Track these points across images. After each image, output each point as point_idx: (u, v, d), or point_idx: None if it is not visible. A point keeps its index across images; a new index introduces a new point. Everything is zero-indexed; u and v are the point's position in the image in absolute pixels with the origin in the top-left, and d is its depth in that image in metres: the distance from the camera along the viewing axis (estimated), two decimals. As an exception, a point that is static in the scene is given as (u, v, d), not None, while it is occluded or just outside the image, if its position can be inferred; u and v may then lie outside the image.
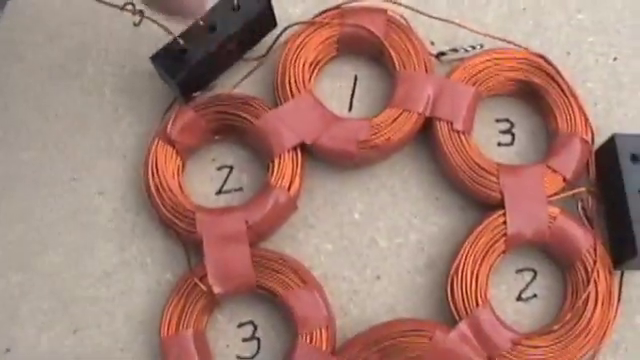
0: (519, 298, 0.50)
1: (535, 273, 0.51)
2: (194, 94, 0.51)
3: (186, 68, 0.49)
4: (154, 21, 0.48)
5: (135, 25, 0.48)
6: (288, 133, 0.49)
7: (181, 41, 0.49)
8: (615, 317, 0.48)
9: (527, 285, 0.50)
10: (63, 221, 0.52)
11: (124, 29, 0.55)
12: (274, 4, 0.51)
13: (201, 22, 0.50)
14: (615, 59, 0.54)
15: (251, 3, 0.50)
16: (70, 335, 0.50)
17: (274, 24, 0.52)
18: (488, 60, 0.51)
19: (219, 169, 0.52)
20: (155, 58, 0.50)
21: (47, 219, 0.52)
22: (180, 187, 0.50)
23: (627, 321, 0.50)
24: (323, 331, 0.47)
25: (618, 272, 0.49)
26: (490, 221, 0.49)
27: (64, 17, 0.56)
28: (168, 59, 0.50)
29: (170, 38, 0.49)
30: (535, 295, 0.50)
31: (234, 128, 0.51)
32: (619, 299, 0.49)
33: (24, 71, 0.55)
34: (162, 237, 0.51)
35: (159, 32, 0.48)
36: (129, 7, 0.47)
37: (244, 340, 0.50)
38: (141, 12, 0.48)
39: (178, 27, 0.49)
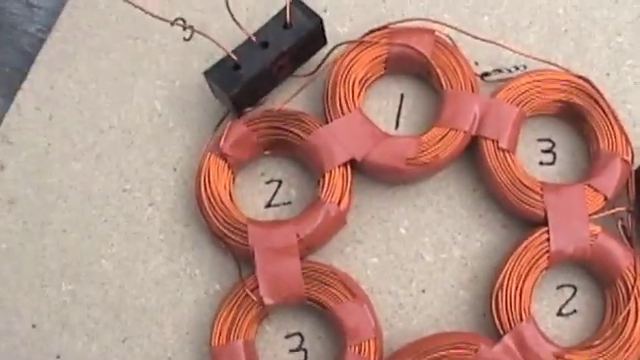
0: (559, 313, 0.52)
1: (575, 289, 0.53)
2: (246, 109, 0.53)
3: (239, 83, 0.51)
4: (205, 35, 0.50)
5: (185, 40, 0.50)
6: (339, 149, 0.51)
7: (234, 57, 0.51)
8: (655, 333, 0.51)
9: (567, 301, 0.52)
10: (115, 231, 0.54)
11: (175, 43, 0.57)
12: (324, 22, 0.53)
13: (253, 38, 0.52)
14: (654, 81, 0.57)
15: (303, 21, 0.52)
16: (119, 344, 0.52)
17: (324, 42, 0.54)
18: (532, 81, 0.53)
19: (268, 183, 0.54)
20: (209, 73, 0.52)
21: (99, 229, 0.54)
22: (231, 200, 0.52)
23: (664, 337, 0.52)
24: (371, 343, 0.49)
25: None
26: (534, 238, 0.51)
27: (117, 30, 0.58)
28: (222, 74, 0.51)
29: (221, 53, 0.51)
30: (575, 311, 0.52)
31: (284, 143, 0.53)
32: (658, 316, 0.51)
33: (79, 83, 0.57)
34: (210, 249, 0.53)
35: (209, 47, 0.50)
36: (180, 22, 0.49)
37: (291, 351, 0.51)
38: (191, 27, 0.50)
39: (227, 45, 0.51)
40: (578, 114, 0.54)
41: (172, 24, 0.49)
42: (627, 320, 0.50)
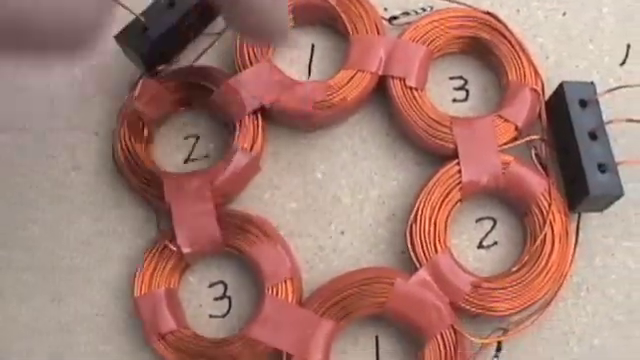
0: (480, 246, 0.53)
1: (495, 221, 0.54)
2: (158, 68, 0.55)
3: (148, 43, 0.53)
4: (117, 2, 0.52)
5: (101, 9, 0.52)
6: (248, 98, 0.53)
7: (142, 18, 0.53)
8: (573, 258, 0.51)
9: (487, 233, 0.54)
10: (41, 196, 0.56)
11: (91, 13, 0.59)
12: (231, -21, 0.55)
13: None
14: (564, 14, 0.58)
15: (208, -22, 0.54)
16: (49, 304, 0.54)
17: (231, -2, 0.56)
18: (436, 20, 0.55)
19: (186, 138, 0.56)
20: (119, 36, 0.54)
21: (25, 196, 0.56)
22: (149, 157, 0.54)
23: (588, 263, 0.53)
24: (288, 283, 0.50)
25: (575, 216, 0.52)
26: (445, 170, 0.52)
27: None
28: (131, 36, 0.53)
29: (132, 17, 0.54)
30: (496, 242, 0.53)
31: (198, 98, 0.55)
32: (577, 240, 0.52)
33: None
34: (134, 207, 0.55)
35: (124, 12, 0.52)
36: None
37: (215, 299, 0.53)
38: (105, -5, 0.52)
39: (139, 7, 0.53)
40: (486, 49, 0.55)
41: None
42: (544, 245, 0.51)
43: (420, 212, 0.51)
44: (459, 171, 0.52)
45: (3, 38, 0.26)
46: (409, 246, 0.51)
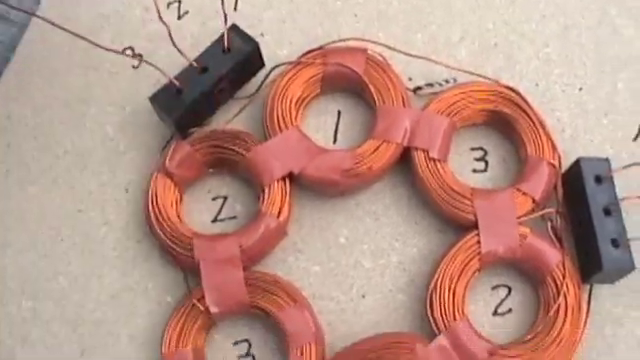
0: (495, 313, 0.57)
1: (510, 289, 0.57)
2: (190, 130, 0.58)
3: (182, 107, 0.56)
4: (151, 64, 0.55)
5: (134, 68, 0.55)
6: (277, 164, 0.57)
7: (176, 82, 0.57)
8: (585, 327, 0.55)
9: (502, 300, 0.57)
10: (71, 250, 0.59)
11: (124, 71, 0.63)
12: (262, 46, 0.58)
13: (194, 64, 0.57)
14: (580, 89, 0.62)
15: (240, 45, 0.58)
16: (78, 357, 0.57)
17: (262, 64, 0.60)
18: (461, 93, 0.59)
19: (214, 199, 0.60)
20: (153, 98, 0.57)
21: (56, 248, 0.59)
22: (178, 216, 0.57)
23: (598, 332, 0.56)
24: (312, 346, 0.54)
25: (587, 286, 0.56)
26: (465, 241, 0.55)
27: (69, 61, 0.63)
28: (165, 99, 0.57)
29: (167, 80, 0.57)
30: (510, 310, 0.57)
31: (227, 161, 0.58)
32: (588, 311, 0.55)
33: (34, 111, 0.62)
34: (161, 263, 0.58)
35: (157, 73, 0.56)
36: (128, 52, 0.54)
37: (240, 357, 0.56)
38: (140, 56, 0.55)
39: (174, 69, 0.57)
40: (507, 122, 0.59)
41: (121, 53, 0.54)
42: (557, 315, 0.54)
43: (440, 281, 0.55)
44: (478, 242, 0.55)
45: None
46: (428, 313, 0.54)
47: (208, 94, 0.57)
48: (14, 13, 0.64)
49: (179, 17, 0.55)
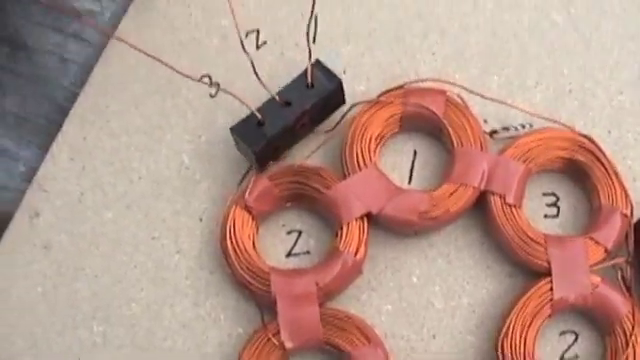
0: (562, 359, 0.59)
1: (577, 335, 0.59)
2: (269, 164, 0.60)
3: (263, 140, 0.58)
4: (230, 93, 0.56)
5: (211, 96, 0.56)
6: (356, 203, 0.58)
7: (258, 115, 0.58)
8: (651, 378, 0.57)
9: (569, 346, 0.59)
10: (144, 276, 0.60)
11: (201, 99, 0.64)
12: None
13: (277, 98, 0.58)
14: (653, 138, 0.64)
15: (324, 82, 0.59)
16: (147, 383, 0.58)
17: (343, 101, 0.61)
18: (538, 139, 0.60)
19: (289, 233, 0.61)
20: (235, 129, 0.58)
21: (129, 274, 0.60)
22: (255, 249, 0.59)
23: (661, 382, 0.58)
24: (385, 385, 0.56)
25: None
26: (538, 287, 0.57)
27: (147, 86, 0.64)
28: (247, 130, 0.58)
29: (244, 109, 0.57)
30: (577, 356, 0.58)
31: (305, 196, 0.60)
32: (654, 361, 0.57)
33: (110, 135, 0.63)
34: (234, 295, 0.60)
35: (233, 103, 0.56)
36: (206, 79, 0.55)
37: (310, 391, 0.58)
38: (217, 84, 0.56)
39: (250, 101, 0.58)
40: (581, 170, 0.61)
41: (199, 81, 0.55)
42: (626, 365, 0.56)
43: (511, 327, 0.56)
44: (551, 288, 0.57)
45: None
46: (499, 357, 0.56)
47: (290, 128, 0.59)
48: (89, 33, 0.65)
49: (257, 47, 0.56)
